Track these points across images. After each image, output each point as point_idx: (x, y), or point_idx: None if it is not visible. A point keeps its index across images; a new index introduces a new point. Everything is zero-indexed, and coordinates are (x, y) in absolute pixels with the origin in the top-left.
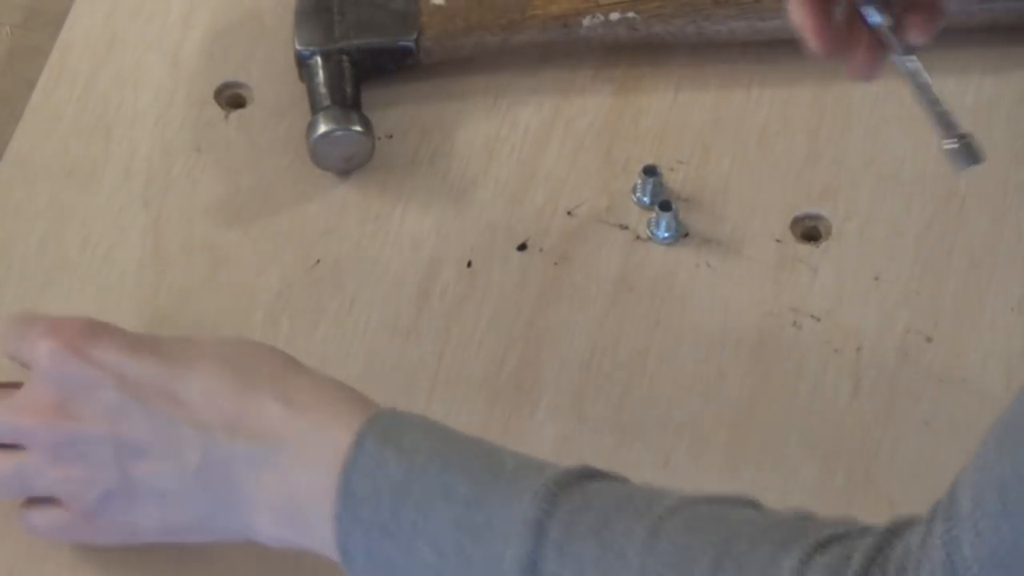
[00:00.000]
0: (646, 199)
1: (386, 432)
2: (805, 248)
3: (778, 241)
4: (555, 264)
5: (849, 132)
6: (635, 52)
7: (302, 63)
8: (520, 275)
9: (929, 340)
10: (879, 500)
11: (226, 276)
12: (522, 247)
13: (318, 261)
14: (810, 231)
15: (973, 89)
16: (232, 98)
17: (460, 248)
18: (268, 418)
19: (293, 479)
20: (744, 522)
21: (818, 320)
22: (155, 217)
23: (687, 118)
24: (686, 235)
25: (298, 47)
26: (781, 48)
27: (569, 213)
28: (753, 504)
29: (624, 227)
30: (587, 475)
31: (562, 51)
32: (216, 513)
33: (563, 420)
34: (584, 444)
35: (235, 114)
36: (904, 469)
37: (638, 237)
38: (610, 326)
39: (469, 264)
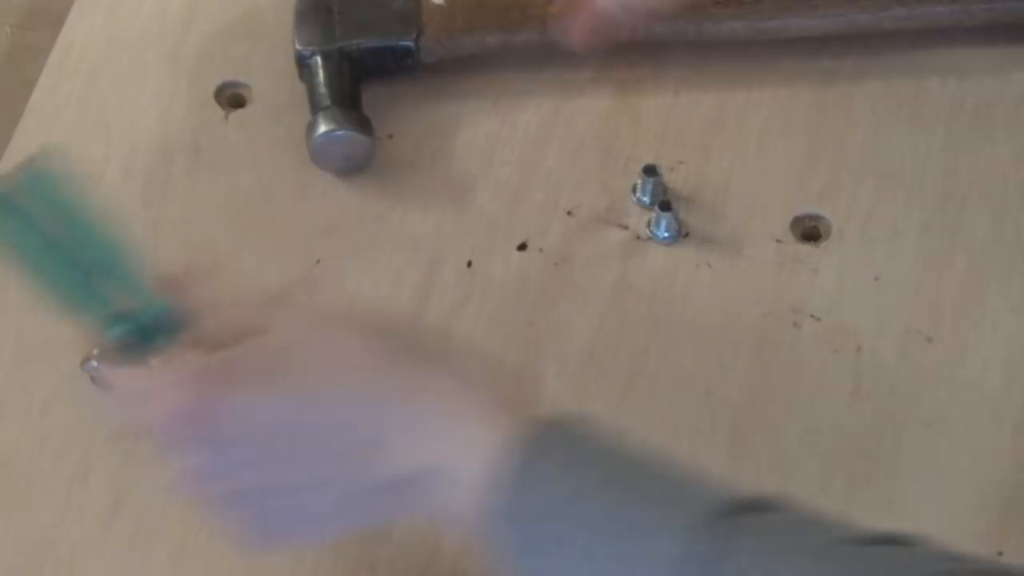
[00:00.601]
0: (646, 199)
1: (537, 449)
2: (805, 248)
3: (778, 241)
4: (555, 264)
5: (849, 132)
6: (635, 52)
7: (302, 63)
8: (520, 275)
9: (929, 340)
10: (879, 500)
11: (226, 276)
12: (522, 247)
13: (318, 261)
14: (810, 231)
15: (973, 89)
16: (232, 98)
17: (460, 248)
18: (407, 442)
19: (446, 500)
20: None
21: (818, 320)
22: (155, 217)
23: (687, 118)
24: (686, 235)
25: (298, 47)
26: (781, 48)
27: (569, 213)
28: (911, 542)
29: (624, 227)
30: (747, 507)
31: (562, 51)
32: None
33: None
34: None
35: (235, 114)
36: (904, 469)
37: (638, 237)
38: (610, 326)
39: (469, 264)
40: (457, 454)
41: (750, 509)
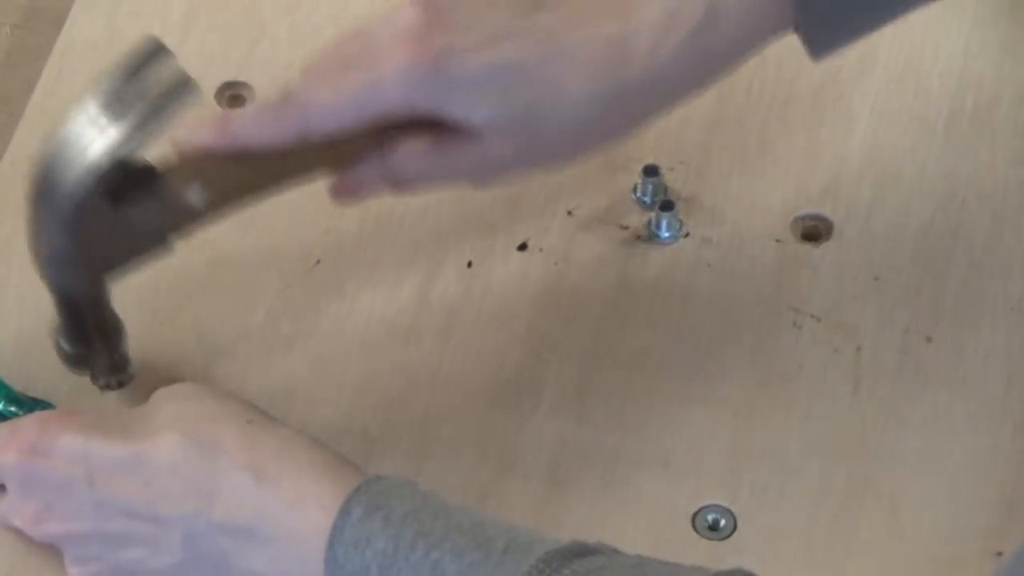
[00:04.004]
0: (646, 199)
1: (372, 503)
2: (805, 248)
3: (778, 241)
4: (555, 264)
5: (849, 132)
6: None
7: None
8: (520, 275)
9: (929, 340)
10: (879, 500)
11: (226, 276)
12: (522, 247)
13: (318, 261)
14: (810, 231)
15: (973, 89)
16: (232, 98)
17: (460, 248)
18: (240, 492)
19: (278, 553)
20: None
21: (818, 320)
22: None
23: (687, 118)
24: (686, 235)
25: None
26: (781, 48)
27: (569, 213)
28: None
29: (624, 227)
30: (576, 552)
31: None
32: None
33: (563, 420)
34: (584, 444)
35: None
36: (904, 469)
37: (638, 237)
38: (610, 326)
39: (469, 264)
40: (290, 508)
41: (573, 556)
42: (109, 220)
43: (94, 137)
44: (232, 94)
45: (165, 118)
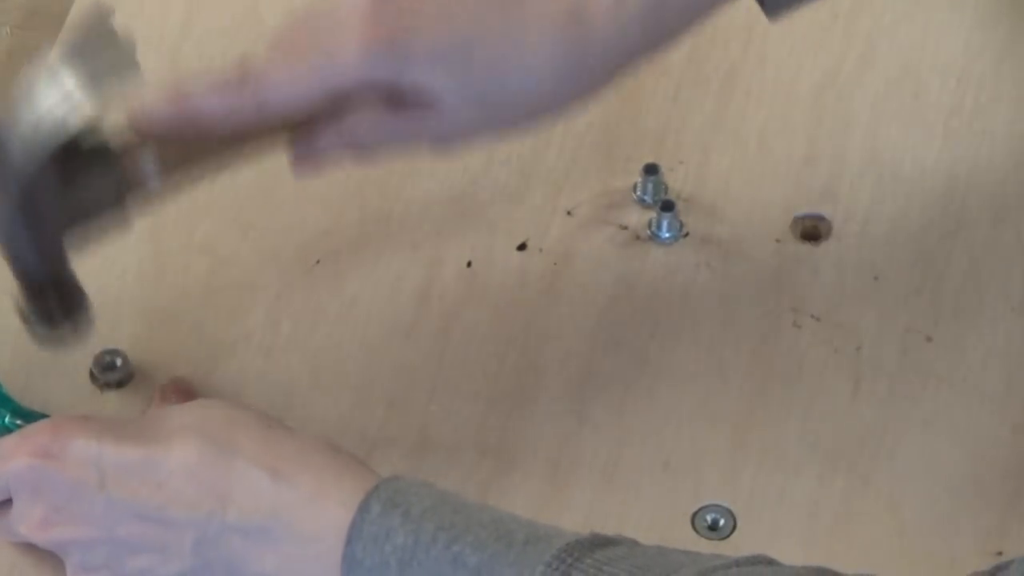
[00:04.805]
0: (647, 198)
1: (391, 500)
2: (805, 248)
3: (778, 241)
4: (555, 264)
5: (849, 132)
6: None
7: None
8: (520, 275)
9: (929, 340)
10: (879, 500)
11: (226, 276)
12: (522, 247)
13: (318, 261)
14: (810, 231)
15: (973, 89)
16: None
17: (460, 248)
18: (257, 491)
19: (293, 552)
20: None
21: (818, 320)
22: (155, 217)
23: (687, 118)
24: (686, 235)
25: None
26: (781, 48)
27: (569, 213)
28: (768, 562)
29: (624, 227)
30: (597, 543)
31: None
32: None
33: (563, 420)
34: (584, 444)
35: None
36: (904, 469)
37: (638, 237)
38: (610, 326)
39: (469, 264)
40: (308, 506)
41: (594, 546)
42: (61, 195)
43: (45, 114)
44: None
45: (111, 94)
